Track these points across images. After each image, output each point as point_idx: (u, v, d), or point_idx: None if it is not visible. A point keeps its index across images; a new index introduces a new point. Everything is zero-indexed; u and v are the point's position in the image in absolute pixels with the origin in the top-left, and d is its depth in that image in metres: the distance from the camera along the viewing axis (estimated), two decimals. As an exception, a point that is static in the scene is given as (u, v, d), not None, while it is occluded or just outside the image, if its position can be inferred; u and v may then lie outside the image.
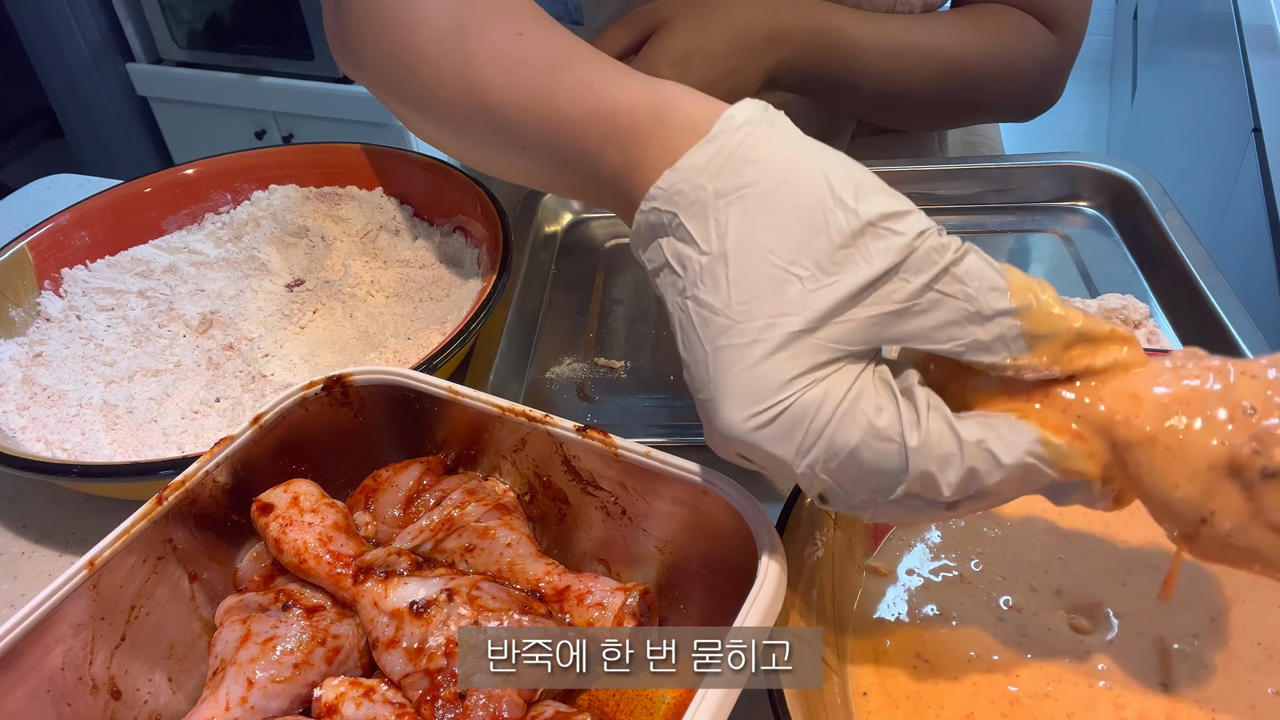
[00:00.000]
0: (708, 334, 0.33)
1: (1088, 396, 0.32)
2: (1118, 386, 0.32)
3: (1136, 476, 0.32)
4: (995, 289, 0.31)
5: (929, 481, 0.31)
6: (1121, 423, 0.32)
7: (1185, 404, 0.32)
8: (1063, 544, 0.45)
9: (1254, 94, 1.18)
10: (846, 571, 0.43)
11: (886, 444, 0.31)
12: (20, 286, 0.64)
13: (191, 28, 2.00)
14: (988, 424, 0.32)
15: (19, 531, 0.54)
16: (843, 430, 0.31)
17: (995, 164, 0.74)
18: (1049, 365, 0.32)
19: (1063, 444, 0.32)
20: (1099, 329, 0.32)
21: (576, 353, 0.64)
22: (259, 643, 0.38)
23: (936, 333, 0.32)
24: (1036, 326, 0.32)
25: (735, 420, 0.32)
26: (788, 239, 0.32)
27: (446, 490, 0.45)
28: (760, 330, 0.31)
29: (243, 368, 0.59)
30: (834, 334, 0.31)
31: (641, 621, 0.40)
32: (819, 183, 0.32)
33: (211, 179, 0.73)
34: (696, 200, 0.33)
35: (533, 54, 0.42)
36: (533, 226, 0.74)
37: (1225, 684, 0.38)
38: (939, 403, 0.32)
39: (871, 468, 0.32)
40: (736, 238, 0.32)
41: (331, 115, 1.93)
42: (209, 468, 0.41)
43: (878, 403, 0.32)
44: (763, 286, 0.32)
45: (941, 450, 0.31)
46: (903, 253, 0.31)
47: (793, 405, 0.31)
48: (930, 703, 0.39)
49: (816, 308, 0.31)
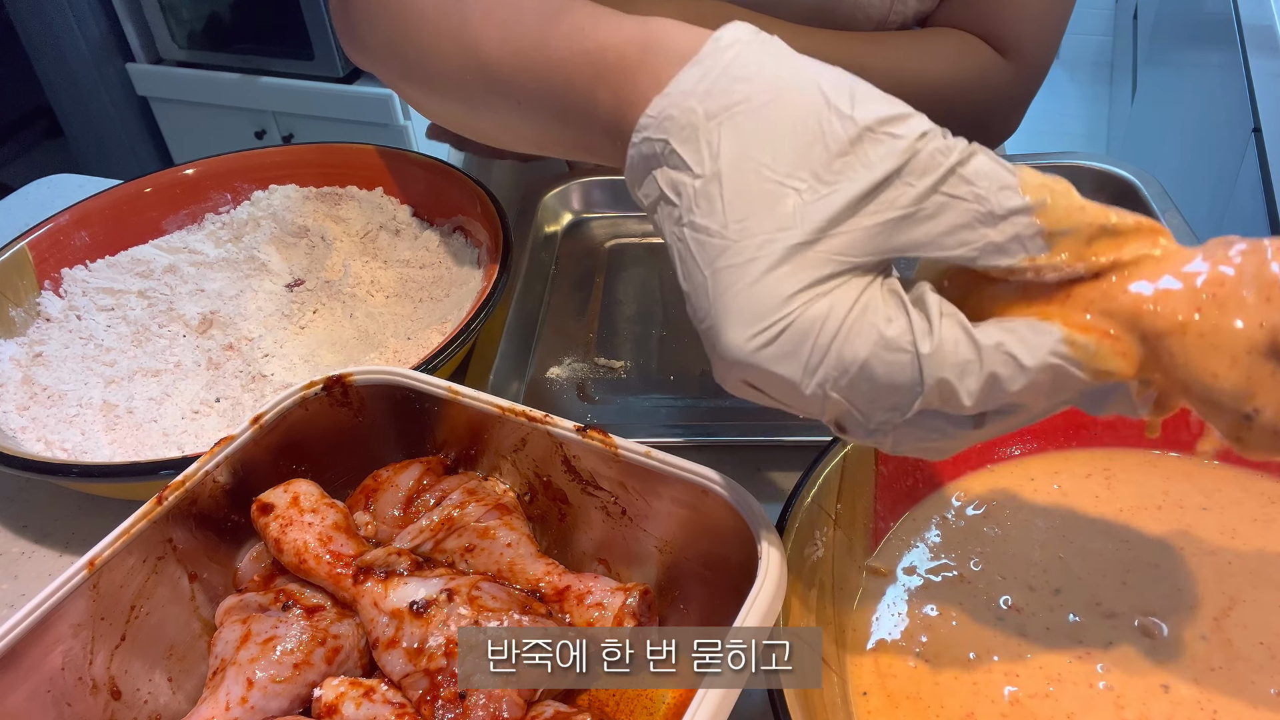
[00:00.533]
0: (705, 258, 0.31)
1: (1114, 290, 0.30)
2: (1146, 277, 0.30)
3: (1173, 370, 0.30)
4: (1007, 187, 0.30)
5: (948, 392, 0.30)
6: (1151, 313, 0.30)
7: (1219, 286, 0.29)
8: (1063, 544, 0.45)
9: (1254, 94, 1.18)
10: (846, 571, 0.43)
11: (898, 354, 0.30)
12: (20, 286, 0.64)
13: (191, 28, 2.00)
14: (1007, 327, 0.30)
15: (19, 531, 0.54)
16: (850, 343, 0.30)
17: (995, 164, 0.74)
18: (1071, 263, 0.30)
19: (1090, 342, 0.30)
20: (1123, 221, 0.31)
21: (576, 353, 0.64)
22: (259, 643, 0.38)
23: (946, 238, 0.30)
24: (1055, 223, 0.30)
25: (737, 341, 0.30)
26: (783, 152, 0.31)
27: (446, 490, 0.45)
28: (758, 247, 0.30)
29: (243, 368, 0.59)
30: (836, 245, 0.30)
31: (641, 621, 0.40)
32: (813, 93, 0.31)
33: (211, 179, 0.73)
34: (687, 124, 0.32)
35: (527, 5, 0.42)
36: (533, 226, 0.74)
37: (1227, 684, 0.38)
38: (953, 310, 0.31)
39: (885, 382, 0.30)
40: (730, 157, 0.31)
41: (331, 115, 1.93)
42: (209, 468, 0.41)
43: (887, 313, 0.30)
44: (759, 203, 0.31)
45: (958, 356, 0.30)
46: (904, 155, 0.30)
47: (796, 321, 0.30)
48: (930, 703, 0.39)
49: (816, 219, 0.30)
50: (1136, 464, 0.48)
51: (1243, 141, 1.19)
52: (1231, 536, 0.44)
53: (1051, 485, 0.47)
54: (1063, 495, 0.47)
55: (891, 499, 0.46)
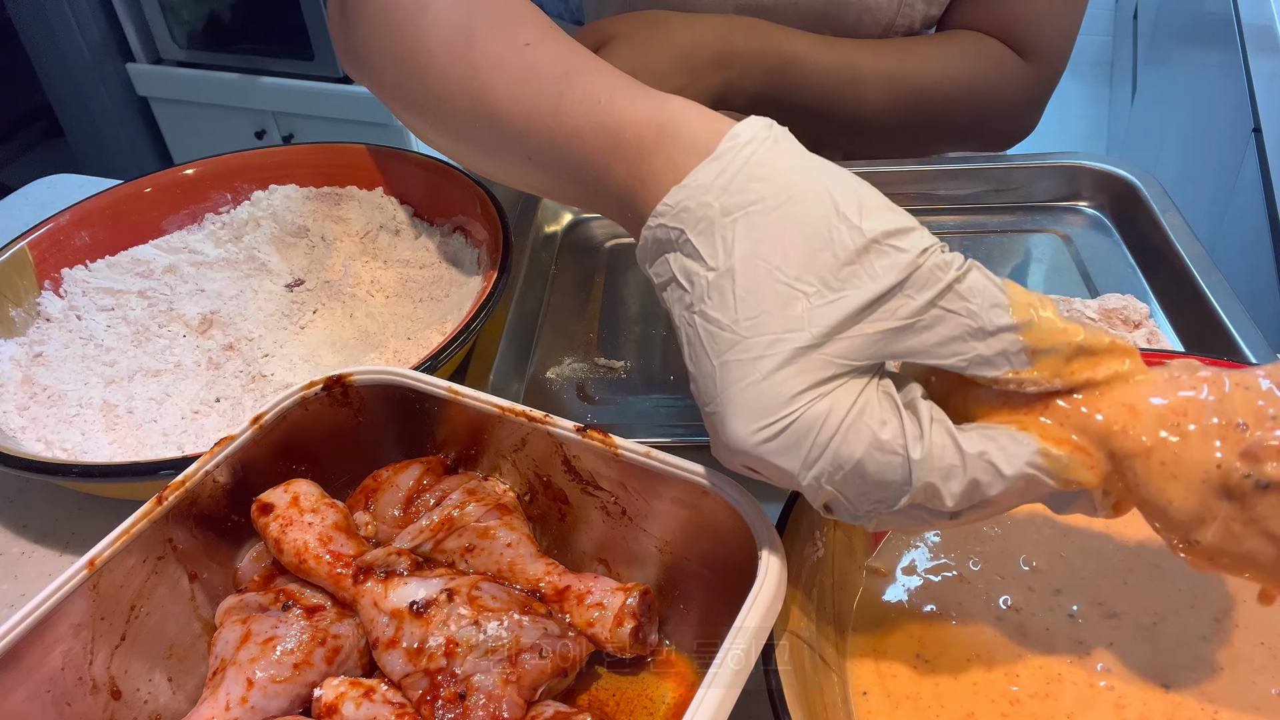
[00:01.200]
0: (715, 349, 0.33)
1: (1087, 408, 0.33)
2: (1117, 398, 0.33)
3: (1134, 487, 0.33)
4: (997, 305, 0.32)
5: (932, 493, 0.32)
6: (1119, 434, 0.32)
7: (1181, 416, 0.32)
8: (1063, 543, 0.45)
9: (1254, 94, 1.18)
10: (846, 571, 0.43)
11: (891, 456, 0.32)
12: (20, 286, 0.64)
13: (191, 28, 2.00)
14: (989, 436, 0.33)
15: (19, 531, 0.54)
16: (848, 443, 0.32)
17: (995, 164, 0.74)
18: (1050, 379, 0.33)
19: (1063, 455, 0.32)
20: (1099, 342, 0.33)
21: (576, 353, 0.64)
22: (259, 643, 0.38)
23: (940, 348, 0.32)
24: (1038, 341, 0.32)
25: (743, 434, 0.32)
26: (794, 255, 0.32)
27: (446, 490, 0.45)
28: (767, 345, 0.32)
29: (243, 368, 0.59)
30: (839, 349, 0.32)
31: (641, 621, 0.40)
32: (823, 199, 0.33)
33: (211, 179, 0.73)
34: (703, 217, 0.34)
35: (540, 65, 0.43)
36: (533, 226, 0.74)
37: (1228, 684, 0.38)
38: (941, 415, 0.33)
39: (876, 480, 0.32)
40: (743, 254, 0.33)
41: (331, 115, 1.93)
42: (209, 468, 0.41)
43: (882, 416, 0.32)
44: (769, 302, 0.32)
45: (944, 462, 0.32)
46: (907, 269, 0.32)
47: (799, 419, 0.32)
48: (930, 703, 0.39)
49: (822, 324, 0.32)
50: (1137, 464, 0.48)
51: (1243, 141, 1.19)
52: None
53: (1052, 485, 0.47)
54: (1063, 495, 0.47)
55: (891, 499, 0.46)
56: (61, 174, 0.92)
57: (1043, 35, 0.70)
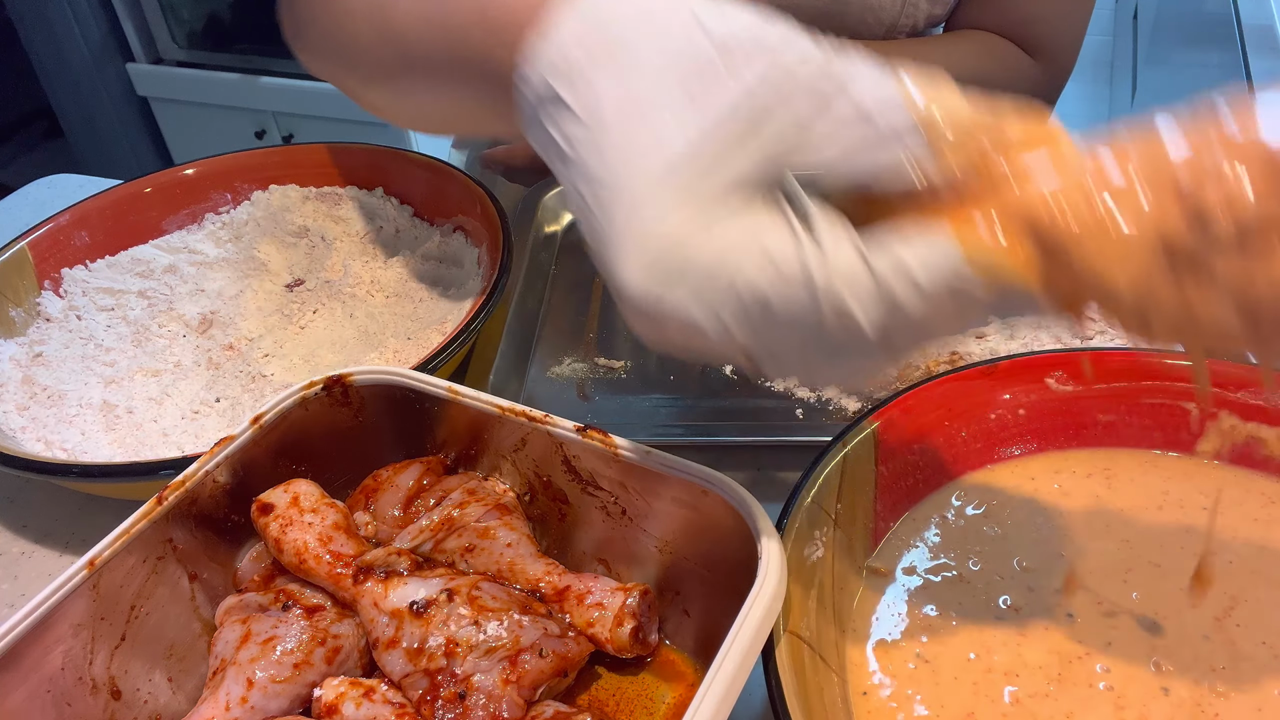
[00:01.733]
0: (596, 199, 0.31)
1: (1009, 201, 0.29)
2: (1039, 185, 0.29)
3: (1076, 277, 0.29)
4: (888, 98, 0.29)
5: (849, 323, 0.29)
6: (1047, 224, 0.28)
7: (1108, 190, 0.28)
8: (1063, 542, 0.45)
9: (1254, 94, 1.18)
10: (846, 571, 0.43)
11: (793, 286, 0.29)
12: (20, 286, 0.64)
13: (191, 28, 2.00)
14: (903, 246, 0.29)
15: (19, 531, 0.54)
16: (743, 271, 0.29)
17: (995, 163, 0.74)
18: (963, 176, 0.29)
19: (990, 256, 0.28)
20: (1012, 125, 0.29)
21: (576, 353, 0.64)
22: (259, 643, 0.38)
23: (837, 161, 0.29)
24: (943, 134, 0.29)
25: (634, 279, 0.30)
26: (662, 79, 0.30)
27: (446, 490, 0.45)
28: (640, 176, 0.29)
29: (243, 368, 0.59)
30: (721, 170, 0.29)
31: (641, 621, 0.40)
32: (682, 14, 0.31)
33: (211, 179, 0.73)
34: (568, 68, 0.32)
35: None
36: (533, 226, 0.74)
37: (1229, 685, 0.38)
38: (847, 232, 0.29)
39: (785, 316, 0.29)
40: (612, 95, 0.31)
41: (331, 115, 1.93)
42: (209, 468, 0.41)
43: (779, 237, 0.29)
44: (639, 135, 0.30)
45: (855, 284, 0.28)
46: (776, 70, 0.29)
47: (688, 249, 0.29)
48: (930, 703, 0.39)
49: (688, 134, 0.29)
50: (1137, 464, 0.48)
51: (1243, 141, 1.18)
52: (1232, 536, 0.44)
53: (1052, 485, 0.47)
54: (1063, 495, 0.47)
55: (891, 499, 0.46)
56: (61, 174, 0.92)
57: (1053, 34, 0.70)
